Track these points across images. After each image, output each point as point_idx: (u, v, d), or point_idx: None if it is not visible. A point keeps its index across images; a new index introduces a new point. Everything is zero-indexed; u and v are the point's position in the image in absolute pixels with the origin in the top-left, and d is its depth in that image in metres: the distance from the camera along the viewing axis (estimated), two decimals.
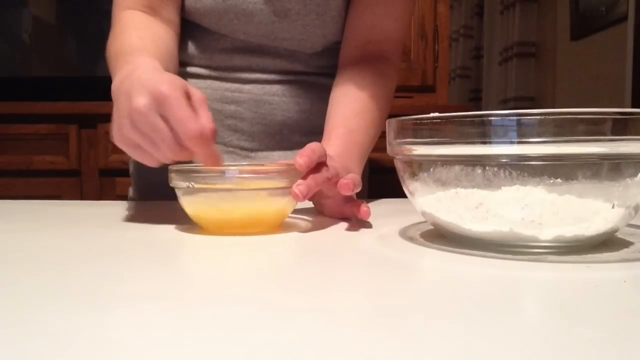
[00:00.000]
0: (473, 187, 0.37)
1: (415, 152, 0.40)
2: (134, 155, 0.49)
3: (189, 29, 0.72)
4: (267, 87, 0.73)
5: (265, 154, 0.74)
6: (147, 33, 0.63)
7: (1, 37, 1.83)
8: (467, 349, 0.21)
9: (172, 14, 0.68)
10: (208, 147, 0.46)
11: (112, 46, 0.62)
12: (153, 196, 0.76)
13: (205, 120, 0.45)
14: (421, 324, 0.24)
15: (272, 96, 0.73)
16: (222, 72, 0.73)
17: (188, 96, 0.46)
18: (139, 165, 0.79)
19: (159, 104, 0.44)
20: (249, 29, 0.69)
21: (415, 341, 0.22)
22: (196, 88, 0.48)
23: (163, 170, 0.51)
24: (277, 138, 0.74)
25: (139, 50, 0.58)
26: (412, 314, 0.25)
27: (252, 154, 0.74)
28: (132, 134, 0.46)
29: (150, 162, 0.49)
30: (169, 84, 0.45)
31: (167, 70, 0.55)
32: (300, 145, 0.50)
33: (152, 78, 0.46)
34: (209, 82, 0.73)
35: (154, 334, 0.22)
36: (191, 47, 0.73)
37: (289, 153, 0.74)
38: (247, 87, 0.72)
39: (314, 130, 0.73)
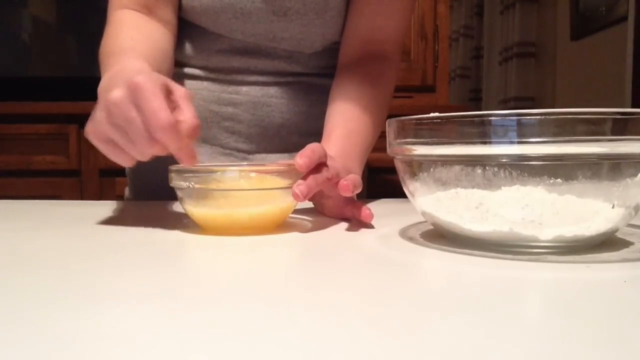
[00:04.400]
0: (473, 187, 0.37)
1: (415, 152, 0.40)
2: (107, 151, 0.46)
3: (186, 29, 0.72)
4: (265, 89, 0.72)
5: (262, 156, 0.74)
6: (140, 33, 0.62)
7: (1, 37, 1.83)
8: (467, 348, 0.21)
9: (168, 14, 0.68)
10: (180, 140, 0.43)
11: (105, 46, 0.61)
12: (149, 196, 0.76)
13: (186, 115, 0.44)
14: (421, 323, 0.24)
15: (270, 98, 0.72)
16: (219, 73, 0.72)
17: (169, 92, 0.45)
18: (136, 165, 0.79)
19: (133, 94, 0.43)
20: (246, 28, 0.69)
21: (415, 341, 0.22)
22: (193, 89, 0.47)
23: (160, 171, 0.50)
24: (275, 140, 0.74)
25: (130, 50, 0.57)
26: (412, 313, 0.25)
27: (250, 156, 0.74)
28: (106, 128, 0.44)
29: (123, 161, 0.47)
30: (146, 76, 0.44)
31: (160, 71, 0.53)
32: (298, 147, 0.49)
33: (133, 74, 0.45)
34: (205, 83, 0.72)
35: (153, 333, 0.22)
36: (188, 48, 0.73)
37: (286, 156, 0.74)
38: (244, 89, 0.72)
39: (312, 131, 0.73)
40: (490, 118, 0.34)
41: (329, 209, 0.55)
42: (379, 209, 0.52)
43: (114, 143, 0.45)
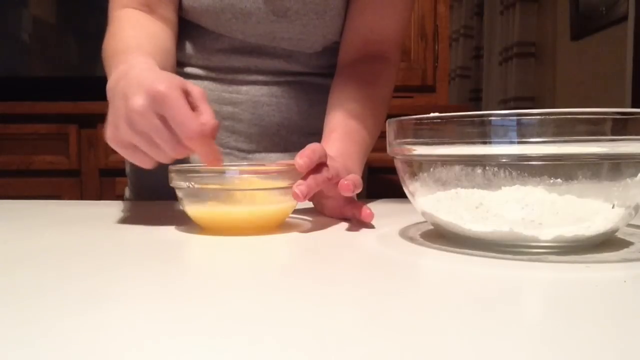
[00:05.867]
0: (473, 187, 0.37)
1: (415, 152, 0.40)
2: (129, 156, 0.48)
3: (186, 28, 0.72)
4: (265, 88, 0.72)
5: (262, 155, 0.74)
6: (143, 32, 0.63)
7: (1, 37, 1.82)
8: (467, 348, 0.21)
9: (169, 13, 0.68)
10: (209, 146, 0.45)
11: (108, 45, 0.62)
12: (149, 196, 0.76)
13: (207, 117, 0.45)
14: (421, 324, 0.24)
15: (270, 97, 0.72)
16: (220, 73, 0.72)
17: (186, 93, 0.46)
18: (136, 166, 0.79)
19: (158, 103, 0.43)
20: (247, 28, 0.69)
21: (415, 341, 0.22)
22: None
23: (160, 171, 0.51)
24: (274, 140, 0.74)
25: (135, 49, 0.57)
26: (412, 314, 0.25)
27: (250, 156, 0.74)
28: (129, 135, 0.45)
29: (144, 163, 0.48)
30: (166, 82, 0.44)
31: (164, 69, 0.54)
32: (298, 146, 0.50)
33: (148, 77, 0.45)
34: (206, 83, 0.73)
35: (153, 333, 0.22)
36: (188, 47, 0.73)
37: (286, 155, 0.74)
38: (244, 88, 0.72)
39: (312, 131, 0.73)
40: (490, 118, 0.34)
41: (329, 209, 0.55)
42: (379, 209, 0.52)
43: (136, 147, 0.46)
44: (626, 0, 1.99)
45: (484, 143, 0.35)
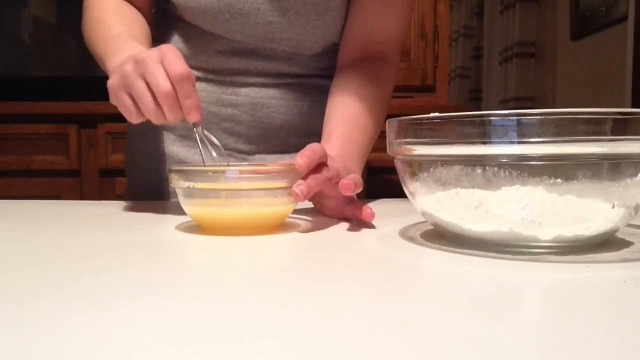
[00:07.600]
0: (473, 187, 0.37)
1: (415, 152, 0.40)
2: (119, 105, 0.53)
3: (184, 29, 0.72)
4: (265, 90, 0.72)
5: (262, 156, 0.74)
6: (128, 18, 0.67)
7: (1, 37, 1.82)
8: (467, 348, 0.21)
9: (142, 3, 0.72)
10: (177, 107, 0.50)
11: (96, 31, 0.65)
12: (148, 196, 0.76)
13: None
14: (421, 323, 0.24)
15: (269, 99, 0.72)
16: (219, 75, 0.72)
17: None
18: (131, 165, 0.79)
19: (139, 65, 0.50)
20: (245, 29, 0.68)
21: (415, 341, 0.22)
22: None
23: (159, 170, 0.51)
24: (274, 141, 0.74)
25: (127, 35, 0.62)
26: (412, 313, 0.25)
27: (249, 157, 0.74)
28: (120, 90, 0.52)
29: (131, 117, 0.53)
30: (148, 51, 0.51)
31: None
32: (298, 147, 0.50)
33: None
34: (205, 85, 0.72)
35: (153, 332, 0.22)
36: (187, 49, 0.72)
37: (286, 156, 0.74)
38: (244, 90, 0.72)
39: (312, 132, 0.73)
40: (490, 118, 0.34)
41: (329, 209, 0.55)
42: (379, 209, 0.52)
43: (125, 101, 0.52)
44: (626, 0, 1.99)
45: (484, 143, 0.35)
